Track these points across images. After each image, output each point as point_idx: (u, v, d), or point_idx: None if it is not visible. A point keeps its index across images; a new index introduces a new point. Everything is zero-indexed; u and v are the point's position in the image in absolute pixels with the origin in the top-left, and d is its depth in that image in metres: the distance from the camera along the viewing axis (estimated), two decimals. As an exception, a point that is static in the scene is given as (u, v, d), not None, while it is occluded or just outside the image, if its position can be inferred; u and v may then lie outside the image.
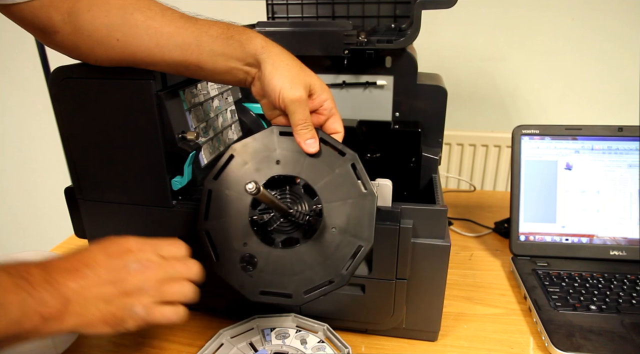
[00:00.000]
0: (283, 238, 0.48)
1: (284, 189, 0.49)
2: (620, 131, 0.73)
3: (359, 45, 0.66)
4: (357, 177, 0.47)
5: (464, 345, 0.59)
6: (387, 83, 0.74)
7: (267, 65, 0.47)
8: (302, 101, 0.47)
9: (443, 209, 0.52)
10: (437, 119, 0.73)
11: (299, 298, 0.47)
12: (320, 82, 0.49)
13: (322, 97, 0.49)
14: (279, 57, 0.48)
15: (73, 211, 0.62)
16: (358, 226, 0.46)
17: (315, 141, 0.48)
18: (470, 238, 0.85)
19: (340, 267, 0.46)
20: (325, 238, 0.46)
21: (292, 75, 0.47)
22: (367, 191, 0.46)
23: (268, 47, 0.48)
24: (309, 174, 0.48)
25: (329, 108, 0.50)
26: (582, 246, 0.73)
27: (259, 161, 0.49)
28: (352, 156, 0.48)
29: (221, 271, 0.49)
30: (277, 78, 0.47)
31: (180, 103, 0.56)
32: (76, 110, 0.54)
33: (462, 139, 1.21)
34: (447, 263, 0.53)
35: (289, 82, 0.46)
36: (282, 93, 0.46)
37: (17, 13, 0.47)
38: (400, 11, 0.79)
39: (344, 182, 0.47)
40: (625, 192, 0.73)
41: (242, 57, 0.49)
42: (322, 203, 0.47)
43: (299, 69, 0.48)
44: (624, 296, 0.64)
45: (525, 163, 0.74)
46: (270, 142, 0.49)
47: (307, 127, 0.47)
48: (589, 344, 0.56)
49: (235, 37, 0.49)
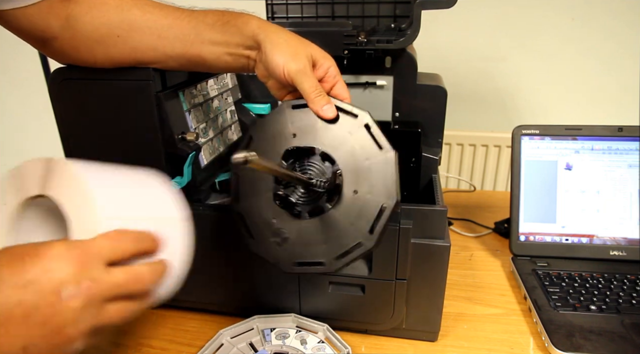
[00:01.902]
0: (309, 209, 0.48)
1: (303, 161, 0.49)
2: (620, 131, 0.73)
3: (359, 46, 0.66)
4: (372, 137, 0.47)
5: (464, 345, 0.59)
6: (387, 83, 0.74)
7: (267, 44, 0.47)
8: (307, 71, 0.47)
9: (443, 209, 0.52)
10: (437, 119, 0.73)
11: (331, 265, 0.47)
12: (321, 51, 0.50)
13: (325, 65, 0.49)
14: (277, 34, 0.48)
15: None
16: (379, 185, 0.46)
17: (331, 106, 0.47)
18: (470, 238, 0.85)
19: (366, 229, 0.46)
20: (348, 203, 0.46)
21: (292, 48, 0.47)
22: (383, 149, 0.46)
23: (265, 27, 0.48)
24: (324, 142, 0.48)
25: (333, 75, 0.50)
26: (582, 246, 0.73)
27: (275, 137, 0.50)
28: (364, 117, 0.47)
29: (258, 248, 0.49)
30: (279, 54, 0.47)
31: (180, 104, 0.56)
32: (76, 111, 0.54)
33: (462, 139, 1.21)
34: (447, 263, 0.53)
35: (290, 56, 0.47)
36: (285, 67, 0.47)
37: (14, 21, 0.46)
38: (400, 11, 0.79)
39: (360, 144, 0.47)
40: (625, 192, 0.73)
41: (241, 41, 0.49)
42: (340, 168, 0.47)
43: (298, 42, 0.48)
44: (624, 296, 0.64)
45: (525, 163, 0.74)
46: (284, 117, 0.50)
47: (320, 93, 0.47)
48: (589, 344, 0.55)
49: (232, 22, 0.49)
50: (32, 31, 0.48)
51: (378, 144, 0.46)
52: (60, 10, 0.47)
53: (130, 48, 0.49)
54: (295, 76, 0.47)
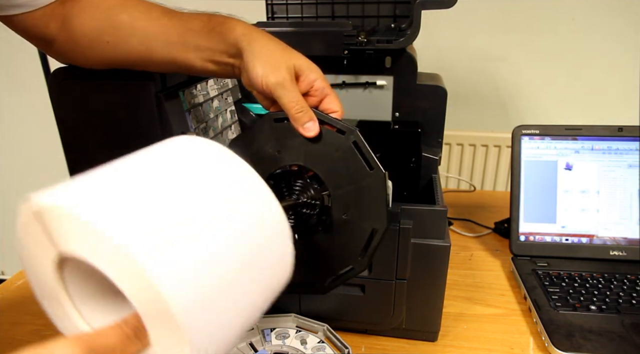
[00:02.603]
0: (297, 231, 0.47)
1: (289, 181, 0.49)
2: (620, 131, 0.73)
3: (359, 46, 0.66)
4: (361, 156, 0.44)
5: (464, 345, 0.59)
6: (387, 83, 0.74)
7: (248, 53, 0.45)
8: (287, 84, 0.44)
9: (443, 209, 0.52)
10: (437, 119, 0.73)
11: (321, 287, 0.46)
12: (308, 62, 0.46)
13: (310, 78, 0.45)
14: (259, 42, 0.45)
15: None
16: (370, 208, 0.44)
17: (314, 123, 0.44)
18: (470, 238, 0.85)
19: (357, 253, 0.45)
20: (338, 225, 0.45)
21: (273, 59, 0.44)
22: (372, 170, 0.43)
23: (248, 35, 0.46)
24: (311, 160, 0.46)
25: (320, 88, 0.46)
26: (582, 246, 0.73)
27: (259, 153, 0.48)
28: (353, 134, 0.44)
29: None
30: (259, 65, 0.44)
31: (180, 104, 0.56)
32: (76, 111, 0.54)
33: (462, 139, 1.21)
34: (447, 263, 0.53)
35: (270, 67, 0.44)
36: (264, 79, 0.44)
37: (21, 24, 0.48)
38: (400, 11, 0.79)
39: (349, 164, 0.44)
40: (625, 192, 0.73)
41: (226, 49, 0.47)
42: (329, 189, 0.45)
43: (282, 52, 0.45)
44: (624, 296, 0.64)
45: (525, 163, 0.74)
46: (267, 132, 0.47)
47: (300, 109, 0.43)
48: (589, 344, 0.55)
49: (217, 29, 0.47)
50: (36, 33, 0.48)
51: (368, 164, 0.44)
52: (59, 13, 0.48)
53: (120, 53, 0.48)
54: (274, 89, 0.44)
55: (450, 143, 1.22)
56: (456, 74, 1.20)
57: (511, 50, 1.17)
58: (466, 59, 1.20)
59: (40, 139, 1.53)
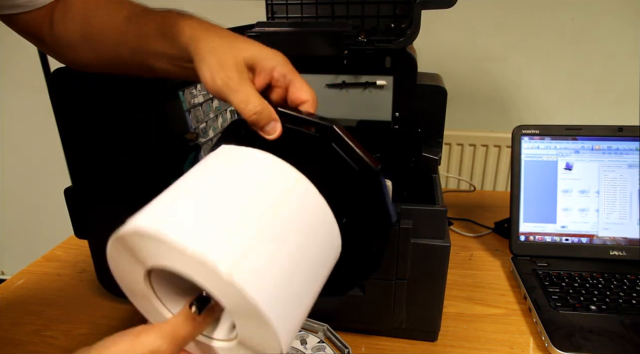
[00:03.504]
0: None
1: None
2: (620, 131, 0.73)
3: (359, 45, 0.66)
4: (345, 153, 0.37)
5: (464, 345, 0.59)
6: (387, 83, 0.74)
7: (195, 57, 0.40)
8: (233, 83, 0.38)
9: (443, 209, 0.52)
10: (437, 119, 0.73)
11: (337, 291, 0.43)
12: (261, 49, 0.40)
13: (267, 67, 0.39)
14: (205, 43, 0.40)
15: (73, 211, 0.62)
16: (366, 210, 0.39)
17: (275, 123, 0.38)
18: (470, 238, 0.85)
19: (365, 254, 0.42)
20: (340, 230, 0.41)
21: (219, 58, 0.39)
22: (359, 168, 0.37)
23: (196, 36, 0.40)
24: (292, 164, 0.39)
25: (281, 76, 0.39)
26: (582, 246, 0.73)
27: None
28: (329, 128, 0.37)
29: None
30: (205, 68, 0.39)
31: (180, 104, 0.56)
32: (76, 111, 0.54)
33: (462, 139, 1.21)
34: (447, 263, 0.53)
35: (216, 68, 0.38)
36: (211, 83, 0.39)
37: (19, 23, 0.48)
38: (400, 11, 0.79)
39: (333, 165, 0.38)
40: (625, 192, 0.73)
41: (179, 53, 0.42)
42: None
43: (228, 47, 0.39)
44: (624, 296, 0.64)
45: (525, 163, 0.74)
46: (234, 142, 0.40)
47: (254, 110, 0.37)
48: (589, 344, 0.56)
49: (168, 34, 0.42)
50: (32, 33, 0.49)
51: (353, 161, 0.37)
52: (49, 15, 0.48)
53: (99, 58, 0.48)
54: (222, 92, 0.38)
55: (450, 143, 1.22)
56: (456, 74, 1.20)
57: (511, 50, 1.17)
58: (466, 59, 1.20)
59: (40, 139, 1.53)
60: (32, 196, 1.64)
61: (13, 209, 1.68)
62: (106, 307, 0.67)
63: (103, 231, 0.62)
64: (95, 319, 0.65)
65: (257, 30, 0.62)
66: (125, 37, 0.44)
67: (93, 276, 0.66)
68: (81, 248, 0.82)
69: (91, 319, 0.65)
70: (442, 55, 1.19)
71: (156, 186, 0.57)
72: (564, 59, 1.15)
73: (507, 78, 1.20)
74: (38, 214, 1.66)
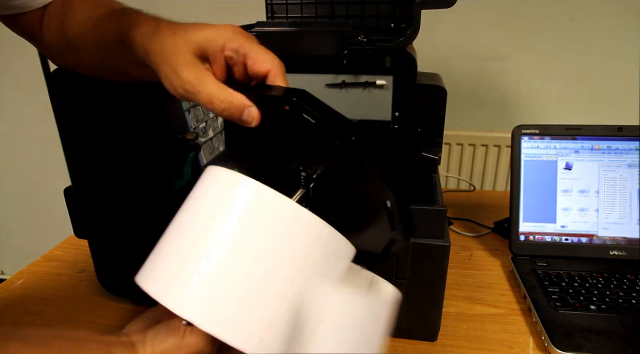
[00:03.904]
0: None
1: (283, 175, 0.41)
2: (620, 131, 0.73)
3: (359, 45, 0.66)
4: (315, 120, 0.32)
5: (464, 345, 0.59)
6: (386, 83, 0.74)
7: (153, 68, 0.38)
8: (190, 88, 0.35)
9: (443, 209, 0.52)
10: (437, 119, 0.73)
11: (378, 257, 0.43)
12: (208, 33, 0.36)
13: (217, 49, 0.36)
14: (154, 52, 0.37)
15: (73, 211, 0.62)
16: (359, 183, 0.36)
17: (250, 109, 0.35)
18: (470, 238, 0.85)
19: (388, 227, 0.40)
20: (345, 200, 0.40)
21: (170, 66, 0.36)
22: (340, 133, 0.32)
23: (146, 47, 0.37)
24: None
25: (233, 51, 0.36)
26: (582, 246, 0.73)
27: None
28: (290, 101, 0.32)
29: None
30: (163, 76, 0.37)
31: (180, 104, 0.56)
32: (76, 111, 0.54)
33: (462, 139, 1.21)
34: (447, 263, 0.53)
35: (172, 71, 0.36)
36: (173, 90, 0.37)
37: (19, 24, 0.48)
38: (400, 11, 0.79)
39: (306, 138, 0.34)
40: (625, 192, 0.73)
41: (141, 63, 0.39)
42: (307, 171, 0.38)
43: (173, 46, 0.36)
44: (624, 296, 0.64)
45: (525, 163, 0.74)
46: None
47: (221, 105, 0.35)
48: (589, 344, 0.56)
49: (126, 44, 0.39)
50: (29, 34, 0.50)
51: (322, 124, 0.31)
52: (40, 16, 0.49)
53: (80, 63, 0.48)
54: (187, 98, 0.37)
55: (450, 143, 1.21)
56: (456, 74, 1.20)
57: (511, 50, 1.17)
58: (466, 59, 1.20)
59: (40, 139, 1.53)
60: (32, 196, 1.64)
61: (13, 209, 1.68)
62: (106, 307, 0.67)
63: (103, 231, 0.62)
64: (95, 319, 0.65)
65: (257, 30, 0.62)
66: (92, 44, 0.43)
67: (93, 276, 0.66)
68: (81, 248, 0.82)
69: (91, 319, 0.65)
70: (442, 55, 1.19)
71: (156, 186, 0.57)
72: (564, 59, 1.15)
73: (507, 78, 1.20)
74: (38, 214, 1.66)
